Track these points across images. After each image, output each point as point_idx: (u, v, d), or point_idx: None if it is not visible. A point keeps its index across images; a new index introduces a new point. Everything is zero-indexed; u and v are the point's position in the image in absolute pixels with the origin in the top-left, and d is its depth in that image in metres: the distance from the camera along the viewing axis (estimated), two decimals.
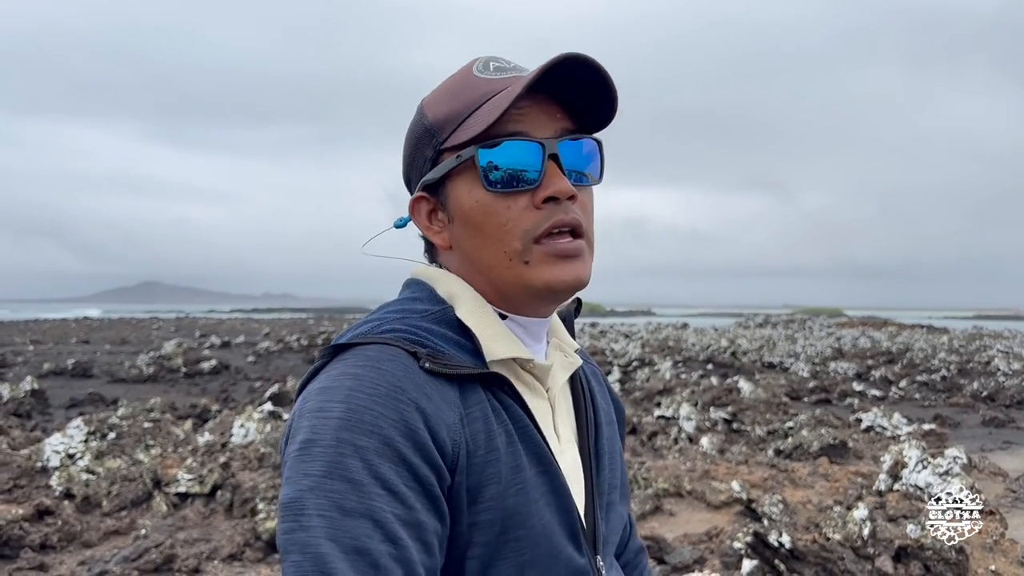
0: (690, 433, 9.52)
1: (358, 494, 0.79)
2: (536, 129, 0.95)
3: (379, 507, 0.80)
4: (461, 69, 1.02)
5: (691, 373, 16.69)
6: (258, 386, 14.97)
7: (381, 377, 0.86)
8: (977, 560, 4.95)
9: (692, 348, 24.24)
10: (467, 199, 0.96)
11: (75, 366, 17.90)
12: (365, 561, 0.77)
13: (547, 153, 0.94)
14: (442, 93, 1.01)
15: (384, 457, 0.82)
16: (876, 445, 8.94)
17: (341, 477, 0.80)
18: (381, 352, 0.89)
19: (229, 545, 5.18)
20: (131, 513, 5.97)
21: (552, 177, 0.94)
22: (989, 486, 7.09)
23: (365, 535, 0.78)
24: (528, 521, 0.90)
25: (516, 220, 0.94)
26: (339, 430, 0.82)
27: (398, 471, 0.82)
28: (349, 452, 0.81)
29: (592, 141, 1.00)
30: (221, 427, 8.63)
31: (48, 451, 6.74)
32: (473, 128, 0.94)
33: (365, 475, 0.80)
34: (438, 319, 0.97)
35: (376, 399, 0.84)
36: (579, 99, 0.97)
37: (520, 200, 0.94)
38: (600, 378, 1.21)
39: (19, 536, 5.19)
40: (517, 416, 0.94)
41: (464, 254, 1.00)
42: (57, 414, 11.79)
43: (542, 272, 0.94)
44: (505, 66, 1.00)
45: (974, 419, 12.17)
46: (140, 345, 27.28)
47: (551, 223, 0.93)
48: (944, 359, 20.89)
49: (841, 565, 4.71)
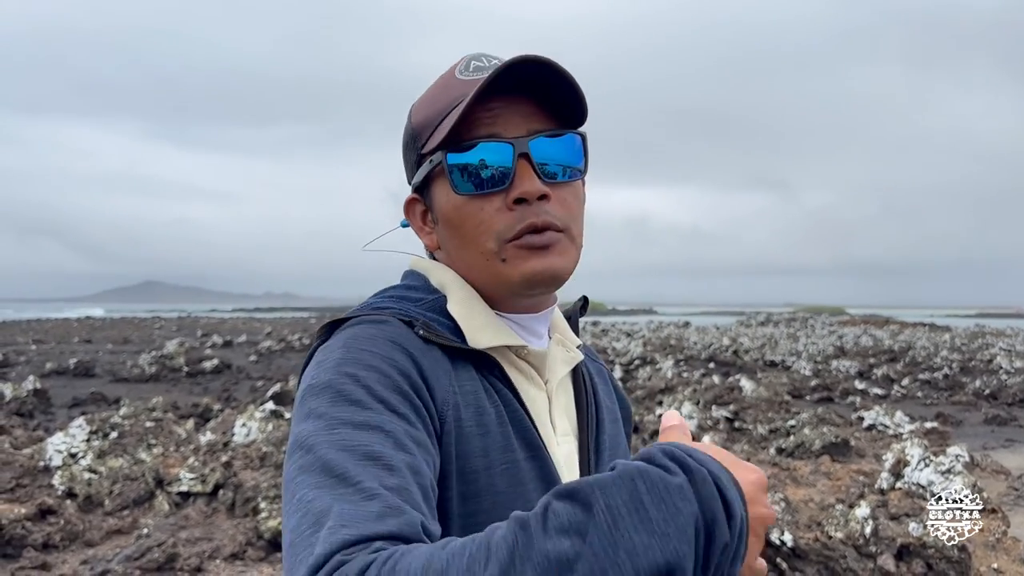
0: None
1: (366, 411, 0.80)
2: (508, 129, 0.95)
3: (388, 421, 0.81)
4: (447, 70, 1.02)
5: (693, 372, 16.69)
6: (260, 385, 14.98)
7: (379, 332, 0.90)
8: (979, 558, 4.95)
9: (694, 347, 24.24)
10: (445, 202, 0.98)
11: (77, 365, 17.93)
12: (380, 464, 0.76)
13: (517, 152, 0.94)
14: (425, 97, 1.02)
15: (384, 386, 0.83)
16: (878, 443, 8.93)
17: (346, 401, 0.81)
18: (376, 320, 0.93)
19: (231, 544, 5.18)
20: (133, 512, 5.98)
21: (522, 178, 0.94)
22: (991, 484, 7.09)
23: (378, 443, 0.78)
24: (515, 503, 0.89)
25: (489, 222, 0.95)
26: (337, 367, 0.85)
27: (399, 399, 0.84)
28: (348, 382, 0.83)
29: (574, 135, 0.99)
30: (223, 426, 8.64)
31: (50, 450, 6.75)
32: (442, 132, 0.95)
33: (369, 398, 0.82)
34: (431, 307, 0.99)
35: (373, 344, 0.88)
36: (554, 96, 0.97)
37: (494, 201, 0.95)
38: (607, 376, 1.22)
39: (22, 535, 5.20)
40: (508, 400, 0.95)
41: (449, 254, 1.02)
42: (59, 413, 11.81)
43: (518, 266, 0.95)
44: (484, 65, 0.99)
45: (976, 417, 12.16)
46: (142, 344, 27.31)
47: (522, 226, 0.94)
48: (946, 357, 20.88)
49: (843, 563, 4.71)
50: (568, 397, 1.08)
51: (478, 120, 0.94)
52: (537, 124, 0.96)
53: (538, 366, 1.01)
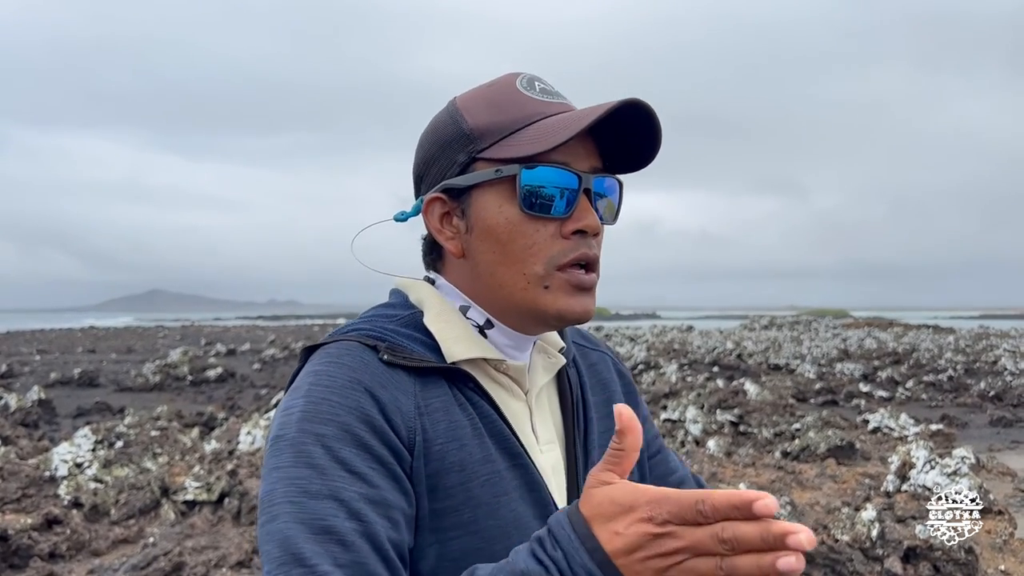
0: (697, 436, 9.51)
1: (322, 477, 0.83)
2: (575, 161, 0.96)
3: (342, 487, 0.83)
4: (501, 80, 1.01)
5: (697, 375, 16.66)
6: (264, 393, 15.00)
7: (339, 371, 0.91)
8: (987, 560, 4.93)
9: (698, 350, 24.20)
10: (496, 214, 0.96)
11: (81, 375, 17.96)
12: (332, 539, 0.79)
13: (583, 186, 0.96)
14: (483, 100, 1.00)
15: (343, 442, 0.85)
16: (883, 446, 8.92)
17: (305, 464, 0.84)
18: (341, 348, 0.94)
19: (237, 552, 5.18)
20: (139, 521, 5.99)
21: (584, 211, 0.96)
22: (998, 486, 7.07)
23: (330, 514, 0.81)
24: (498, 512, 0.91)
25: (542, 245, 0.95)
26: (300, 422, 0.87)
27: (358, 454, 0.86)
28: (310, 441, 0.85)
29: (617, 182, 1.02)
30: (228, 434, 8.65)
31: (56, 460, 6.76)
32: (522, 148, 0.95)
33: (327, 460, 0.84)
34: (406, 323, 1.00)
35: (333, 390, 0.89)
36: (617, 140, 0.99)
37: (549, 226, 0.95)
38: (610, 363, 1.21)
39: (28, 545, 5.21)
40: (484, 411, 0.96)
41: (478, 266, 1.00)
42: (64, 423, 11.83)
43: (558, 299, 0.96)
44: (550, 90, 1.00)
45: (982, 419, 12.13)
46: (146, 354, 27.35)
47: (577, 255, 0.95)
48: (951, 359, 20.82)
49: (850, 566, 4.70)
50: (553, 403, 1.07)
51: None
52: (596, 162, 0.99)
53: (517, 377, 1.02)
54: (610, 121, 0.94)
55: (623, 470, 0.72)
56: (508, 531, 0.91)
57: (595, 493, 0.72)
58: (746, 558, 0.65)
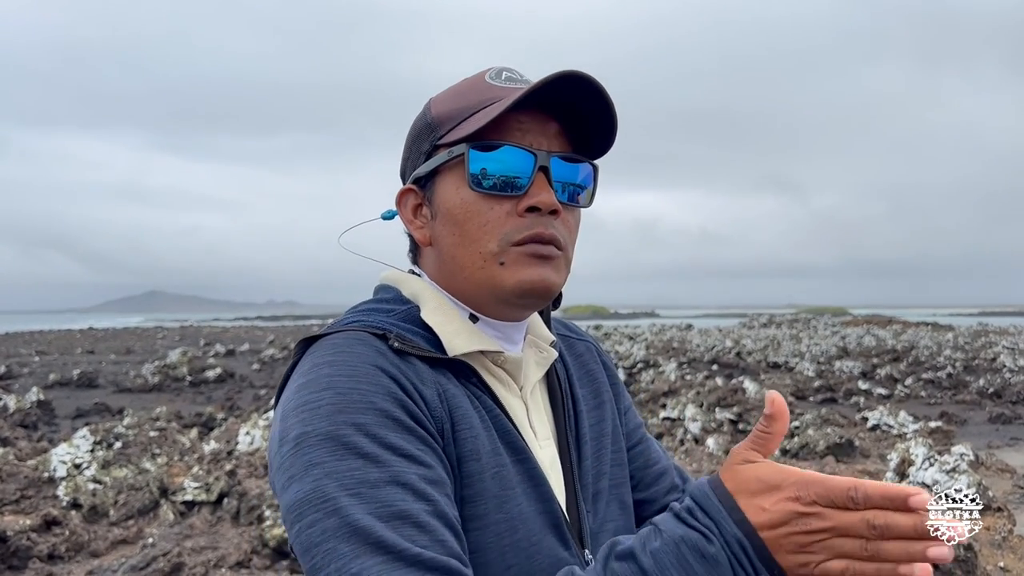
0: (696, 434, 9.51)
1: (378, 465, 0.80)
2: (532, 142, 0.97)
3: (401, 471, 0.81)
4: (475, 74, 1.04)
5: (696, 374, 16.67)
6: (263, 394, 14.99)
7: (356, 359, 0.88)
8: (986, 556, 4.93)
9: (697, 349, 24.21)
10: (453, 196, 0.97)
11: (80, 376, 17.94)
12: (407, 523, 0.77)
13: (538, 164, 0.96)
14: (450, 92, 1.03)
15: (387, 428, 0.83)
16: (883, 443, 8.92)
17: (354, 455, 0.80)
18: (349, 338, 0.92)
19: (236, 553, 5.18)
20: (138, 522, 5.98)
21: (539, 188, 0.95)
22: (997, 482, 7.07)
23: (400, 499, 0.78)
24: (505, 505, 0.91)
25: (496, 223, 0.95)
26: (334, 415, 0.83)
27: (405, 437, 0.84)
28: (351, 432, 0.81)
29: (588, 166, 1.02)
30: (227, 435, 8.65)
31: (55, 461, 6.76)
32: (469, 127, 0.96)
33: (376, 447, 0.81)
34: (404, 317, 0.98)
35: (358, 379, 0.86)
36: (581, 123, 0.99)
37: (504, 205, 0.95)
38: (595, 352, 1.21)
39: (27, 546, 5.20)
40: (489, 406, 0.96)
41: (441, 252, 1.00)
42: (63, 424, 11.81)
43: (515, 272, 0.95)
44: (516, 77, 1.02)
45: (980, 416, 12.14)
46: (145, 355, 27.33)
47: (531, 233, 0.95)
48: (950, 356, 20.85)
49: None
50: (544, 399, 1.08)
51: (506, 126, 0.96)
52: (558, 146, 0.99)
53: (513, 372, 1.01)
54: (570, 101, 0.95)
55: (768, 451, 0.78)
56: (515, 525, 0.91)
57: (741, 470, 0.77)
58: (894, 543, 0.70)
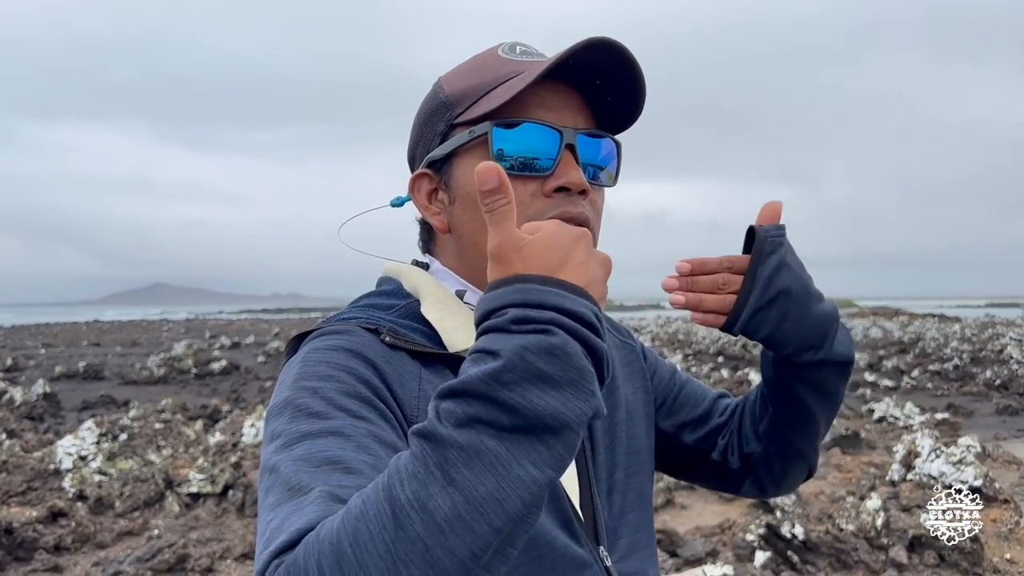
0: None
1: (324, 420, 0.76)
2: (557, 118, 0.92)
3: (347, 425, 0.76)
4: (486, 50, 0.99)
5: (702, 366, 16.64)
6: (268, 386, 15.02)
7: (337, 343, 0.86)
8: (992, 548, 4.91)
9: (702, 341, 24.18)
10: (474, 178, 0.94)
11: (86, 369, 18.00)
12: (337, 468, 0.71)
13: (564, 142, 0.91)
14: (462, 69, 0.98)
15: (343, 393, 0.80)
16: (889, 435, 8.89)
17: (305, 414, 0.77)
18: (339, 329, 0.89)
19: (241, 544, 5.19)
20: (144, 514, 6.00)
21: (566, 167, 0.91)
22: (1003, 474, 7.04)
23: (336, 447, 0.73)
24: None
25: (522, 204, 0.89)
26: (295, 381, 0.81)
27: (358, 404, 0.79)
28: (307, 395, 0.79)
29: (611, 141, 0.97)
30: (232, 427, 8.66)
31: (61, 453, 6.78)
32: (489, 104, 0.91)
33: (328, 407, 0.77)
34: (404, 313, 0.95)
35: (330, 356, 0.84)
36: (604, 96, 0.94)
37: (529, 185, 0.91)
38: (640, 352, 1.17)
39: (33, 538, 5.22)
40: None
41: (463, 238, 0.96)
42: (69, 417, 11.85)
43: None
44: (531, 51, 0.97)
45: (987, 407, 12.09)
46: (150, 347, 27.42)
47: (558, 212, 0.89)
48: (956, 348, 20.77)
49: (855, 556, 4.69)
50: None
51: (527, 102, 0.91)
52: (583, 122, 0.94)
53: None
54: (593, 73, 0.91)
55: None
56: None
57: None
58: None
